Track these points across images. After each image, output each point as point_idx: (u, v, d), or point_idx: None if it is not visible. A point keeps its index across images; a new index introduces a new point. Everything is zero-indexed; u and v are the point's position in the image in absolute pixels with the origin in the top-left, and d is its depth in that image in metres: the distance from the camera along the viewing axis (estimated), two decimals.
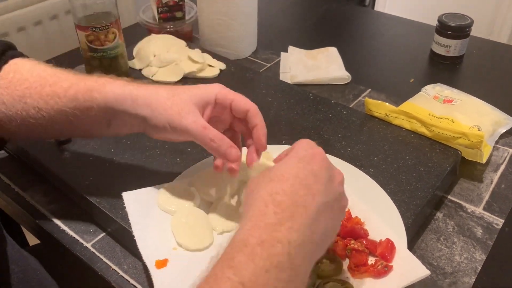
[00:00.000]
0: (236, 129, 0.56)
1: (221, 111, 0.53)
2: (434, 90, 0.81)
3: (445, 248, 0.57)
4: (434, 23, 0.96)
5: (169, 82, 0.83)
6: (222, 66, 0.87)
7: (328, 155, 0.63)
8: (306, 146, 0.44)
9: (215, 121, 0.54)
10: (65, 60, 0.98)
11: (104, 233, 0.59)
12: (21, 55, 0.57)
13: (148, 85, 0.52)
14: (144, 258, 0.50)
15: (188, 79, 0.85)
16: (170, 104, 0.50)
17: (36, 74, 0.53)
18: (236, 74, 0.86)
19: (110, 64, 0.81)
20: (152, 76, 0.85)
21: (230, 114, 0.54)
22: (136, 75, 0.86)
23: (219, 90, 0.53)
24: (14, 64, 0.54)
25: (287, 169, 0.41)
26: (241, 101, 0.53)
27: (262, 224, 0.37)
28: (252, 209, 0.39)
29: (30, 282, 0.52)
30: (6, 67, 0.53)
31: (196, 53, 0.87)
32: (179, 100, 0.50)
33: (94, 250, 0.57)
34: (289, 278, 0.36)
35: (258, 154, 0.53)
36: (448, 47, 0.95)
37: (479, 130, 0.70)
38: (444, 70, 0.95)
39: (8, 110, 0.52)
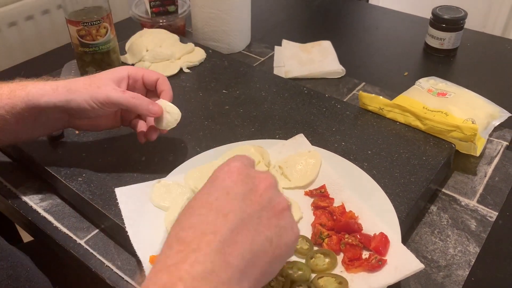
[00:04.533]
0: None
1: (134, 84, 0.61)
2: (428, 83, 0.81)
3: (439, 241, 0.58)
4: (428, 16, 0.96)
5: None
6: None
7: (322, 149, 0.63)
8: (223, 165, 0.41)
9: None
10: (57, 56, 0.97)
11: (97, 230, 0.59)
12: None
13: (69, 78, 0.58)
14: (138, 253, 0.49)
15: (181, 73, 0.84)
16: (88, 82, 0.56)
17: None
18: (230, 69, 0.86)
19: (102, 59, 0.80)
20: None
21: (143, 88, 0.62)
22: None
23: (130, 68, 0.61)
24: None
25: (197, 198, 0.39)
26: (151, 73, 0.61)
27: (163, 267, 0.34)
28: (160, 253, 0.37)
29: (19, 278, 0.52)
30: None
31: (189, 54, 0.88)
32: (96, 79, 0.57)
33: (87, 247, 0.57)
34: None
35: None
36: (442, 39, 0.94)
37: (473, 123, 0.70)
38: (438, 63, 0.95)
39: None
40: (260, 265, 0.36)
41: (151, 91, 0.63)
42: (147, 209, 0.55)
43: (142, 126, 0.62)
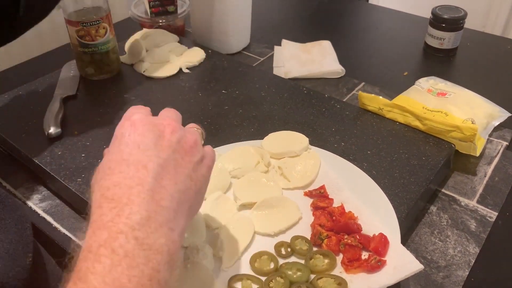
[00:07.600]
0: None
1: None
2: (428, 83, 0.81)
3: (439, 242, 0.57)
4: (428, 15, 0.96)
5: (161, 77, 0.83)
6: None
7: (321, 150, 0.63)
8: (122, 121, 0.42)
9: None
10: (56, 56, 0.97)
11: None
12: None
13: None
14: None
15: (180, 74, 0.84)
16: None
17: None
18: (229, 69, 0.85)
19: (101, 59, 0.80)
20: (143, 71, 0.84)
21: None
22: (127, 70, 0.85)
23: None
24: None
25: (111, 158, 0.39)
26: None
27: (101, 224, 0.35)
28: (92, 214, 0.37)
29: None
30: None
31: (189, 54, 0.88)
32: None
33: None
34: (146, 260, 0.33)
35: None
36: (442, 39, 0.94)
37: (472, 123, 0.70)
38: (438, 62, 0.95)
39: None
40: (188, 200, 0.39)
41: None
42: None
43: None
